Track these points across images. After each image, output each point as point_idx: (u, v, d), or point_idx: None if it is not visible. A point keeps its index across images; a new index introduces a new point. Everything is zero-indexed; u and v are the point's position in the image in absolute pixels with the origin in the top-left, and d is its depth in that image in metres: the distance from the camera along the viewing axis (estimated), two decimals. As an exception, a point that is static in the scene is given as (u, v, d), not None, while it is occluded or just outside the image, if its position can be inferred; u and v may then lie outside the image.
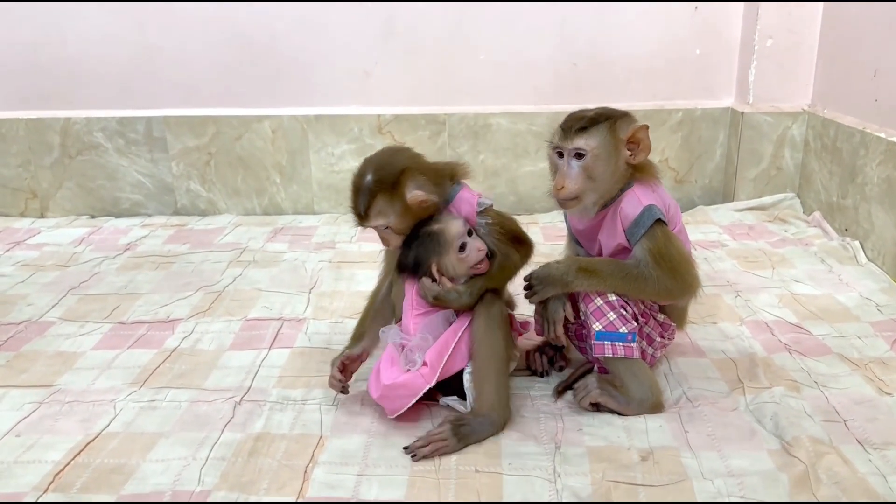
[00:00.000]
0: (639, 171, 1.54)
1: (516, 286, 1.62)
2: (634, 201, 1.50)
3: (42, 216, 3.13)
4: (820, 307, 2.03)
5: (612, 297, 1.51)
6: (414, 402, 1.45)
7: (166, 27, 2.96)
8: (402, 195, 1.49)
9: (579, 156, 1.49)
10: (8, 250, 2.67)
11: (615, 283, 1.50)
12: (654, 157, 2.93)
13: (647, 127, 1.51)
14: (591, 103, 2.97)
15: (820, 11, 2.75)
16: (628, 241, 1.51)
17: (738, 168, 2.91)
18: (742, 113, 2.85)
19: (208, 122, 3.04)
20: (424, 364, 1.45)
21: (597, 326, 1.50)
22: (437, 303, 1.52)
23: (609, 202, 1.53)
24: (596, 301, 1.51)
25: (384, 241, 1.58)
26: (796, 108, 2.85)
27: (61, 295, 2.23)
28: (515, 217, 1.64)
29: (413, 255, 1.53)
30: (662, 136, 2.99)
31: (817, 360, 1.74)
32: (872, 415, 1.51)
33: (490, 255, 1.55)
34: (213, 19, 2.95)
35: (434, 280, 1.52)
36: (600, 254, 1.60)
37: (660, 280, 1.49)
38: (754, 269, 2.32)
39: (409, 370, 1.46)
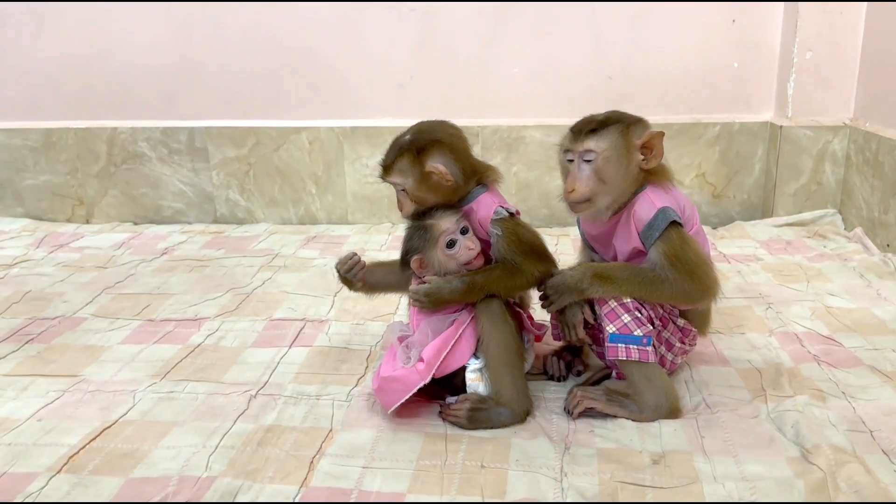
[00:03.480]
0: (652, 175, 1.51)
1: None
2: (648, 204, 1.47)
3: (87, 222, 3.23)
4: (854, 320, 1.96)
5: (627, 300, 1.48)
6: (408, 397, 1.44)
7: (209, 42, 3.06)
8: (424, 162, 1.51)
9: (590, 158, 1.47)
10: (51, 252, 2.76)
11: (631, 288, 1.47)
12: (690, 171, 2.94)
13: (662, 133, 1.48)
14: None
15: (862, 24, 2.69)
16: (643, 244, 1.48)
17: (778, 183, 2.85)
18: (781, 127, 2.80)
19: (248, 133, 3.11)
20: (421, 360, 1.45)
21: (610, 329, 1.47)
22: (430, 301, 1.50)
23: (622, 206, 1.51)
24: (610, 303, 1.48)
25: (399, 202, 1.59)
26: (837, 122, 2.78)
27: (96, 293, 2.29)
28: (540, 231, 1.63)
29: (406, 247, 1.55)
30: (699, 149, 2.95)
31: (847, 372, 1.68)
32: (901, 426, 1.45)
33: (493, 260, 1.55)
34: (253, 34, 3.03)
35: (415, 274, 1.54)
36: (615, 259, 1.58)
37: (677, 283, 1.45)
38: (789, 283, 2.26)
39: (404, 366, 1.46)
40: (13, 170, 3.21)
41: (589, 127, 1.47)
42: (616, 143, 1.46)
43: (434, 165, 1.51)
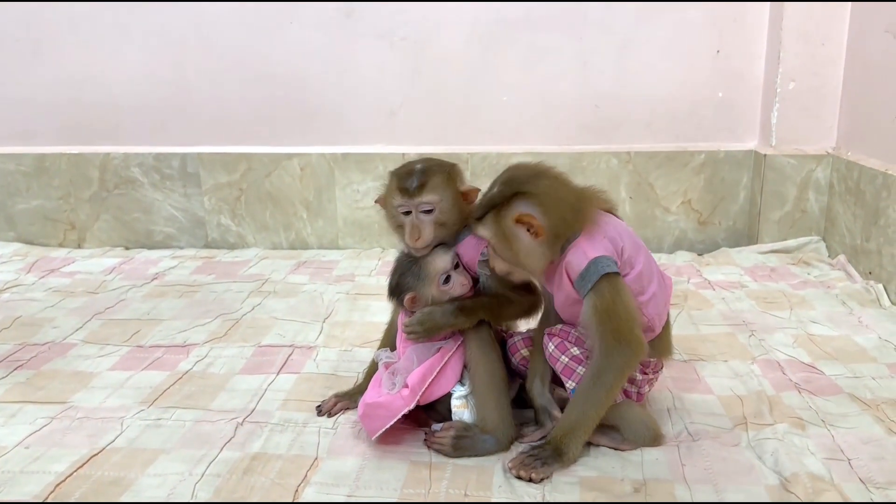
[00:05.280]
0: (581, 223, 1.44)
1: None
2: (580, 254, 1.41)
3: (79, 247, 3.24)
4: (836, 348, 1.99)
5: (577, 351, 1.48)
6: (392, 423, 1.46)
7: (202, 69, 3.09)
8: (455, 183, 1.55)
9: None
10: (42, 277, 2.77)
11: (596, 412, 1.42)
12: (676, 198, 2.98)
13: (526, 214, 1.40)
14: (614, 144, 3.04)
15: (843, 55, 2.74)
16: (578, 292, 1.44)
17: (762, 210, 2.89)
18: (765, 155, 2.84)
19: (240, 159, 3.14)
20: (406, 386, 1.47)
21: (570, 384, 1.48)
22: (424, 328, 1.51)
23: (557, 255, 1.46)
24: (561, 360, 1.49)
25: (415, 229, 1.51)
26: (820, 151, 2.82)
27: (86, 319, 2.30)
28: None
29: (395, 281, 1.56)
30: (685, 177, 2.99)
31: (827, 400, 1.70)
32: (879, 454, 1.47)
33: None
34: (246, 62, 3.07)
35: (405, 309, 1.55)
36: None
37: (610, 356, 1.39)
38: (772, 310, 2.28)
39: (389, 392, 1.48)
40: (6, 194, 3.23)
41: (475, 213, 1.47)
42: (495, 231, 1.43)
43: (468, 185, 1.57)
